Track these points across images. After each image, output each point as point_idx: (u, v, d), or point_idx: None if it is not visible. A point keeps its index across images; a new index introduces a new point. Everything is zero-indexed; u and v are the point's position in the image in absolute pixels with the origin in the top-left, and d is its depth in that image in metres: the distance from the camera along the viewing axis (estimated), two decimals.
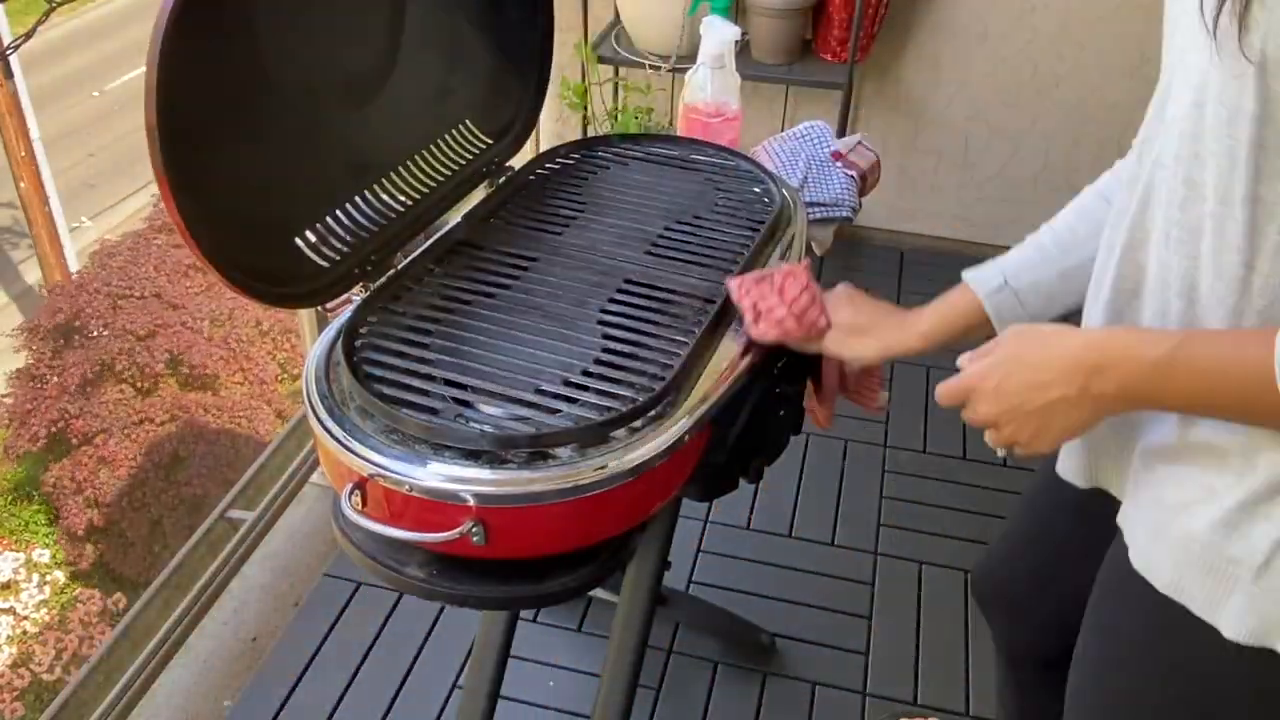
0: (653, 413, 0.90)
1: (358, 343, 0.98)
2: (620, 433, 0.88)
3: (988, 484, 2.08)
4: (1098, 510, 0.88)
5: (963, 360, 0.82)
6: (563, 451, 0.87)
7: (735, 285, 1.01)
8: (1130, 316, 0.80)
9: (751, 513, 2.00)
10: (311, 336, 1.87)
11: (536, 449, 0.87)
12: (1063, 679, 0.92)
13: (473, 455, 0.86)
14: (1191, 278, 0.72)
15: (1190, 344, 0.69)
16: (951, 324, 0.98)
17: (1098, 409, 0.74)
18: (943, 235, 2.84)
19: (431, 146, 1.21)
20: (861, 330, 1.00)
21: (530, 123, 1.32)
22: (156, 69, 0.78)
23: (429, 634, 1.75)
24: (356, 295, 1.06)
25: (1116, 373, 0.71)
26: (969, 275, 0.98)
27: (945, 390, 0.82)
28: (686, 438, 0.91)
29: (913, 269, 2.78)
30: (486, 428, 0.88)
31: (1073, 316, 0.91)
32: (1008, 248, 0.97)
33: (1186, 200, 0.70)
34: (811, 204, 1.34)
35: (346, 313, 1.02)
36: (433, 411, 0.90)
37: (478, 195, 1.25)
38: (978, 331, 0.97)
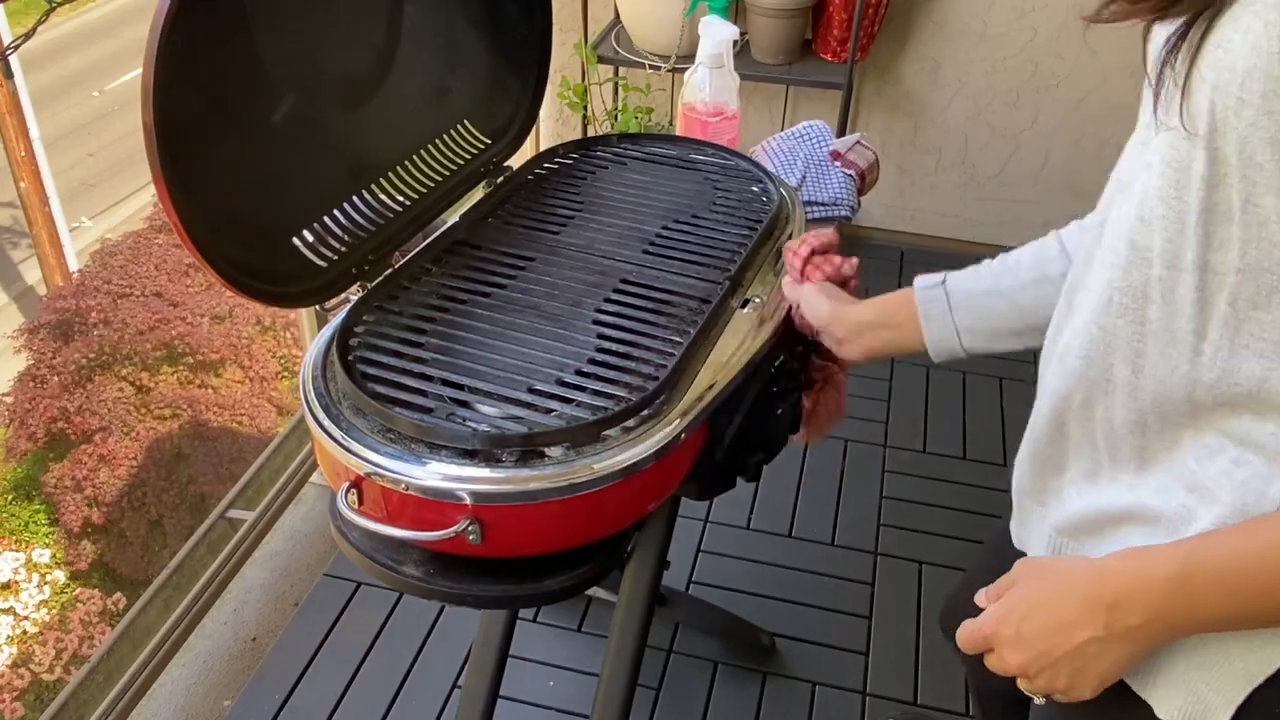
0: (646, 412, 0.90)
1: (353, 342, 0.98)
2: (614, 432, 0.88)
3: (988, 484, 2.07)
4: None
5: (980, 598, 0.76)
6: (557, 451, 0.87)
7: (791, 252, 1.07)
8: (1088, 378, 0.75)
9: (751, 513, 2.00)
10: (311, 335, 1.87)
11: (530, 448, 0.86)
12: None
13: (468, 454, 0.86)
14: (1138, 344, 0.68)
15: (1200, 549, 0.63)
16: (892, 306, 0.97)
17: (1135, 643, 0.66)
18: (943, 235, 2.84)
19: (430, 146, 1.21)
20: (828, 293, 1.02)
21: (529, 122, 1.32)
22: (154, 68, 0.78)
23: (429, 634, 1.74)
24: (355, 295, 1.06)
25: (1134, 604, 0.64)
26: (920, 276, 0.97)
27: (967, 637, 0.75)
28: (682, 437, 0.91)
29: (912, 269, 2.76)
30: (479, 427, 0.88)
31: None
32: (1008, 248, 0.97)
33: (1130, 264, 0.67)
34: (810, 203, 1.34)
35: (344, 312, 1.02)
36: (427, 410, 0.90)
37: (476, 195, 1.25)
38: (912, 322, 0.95)
